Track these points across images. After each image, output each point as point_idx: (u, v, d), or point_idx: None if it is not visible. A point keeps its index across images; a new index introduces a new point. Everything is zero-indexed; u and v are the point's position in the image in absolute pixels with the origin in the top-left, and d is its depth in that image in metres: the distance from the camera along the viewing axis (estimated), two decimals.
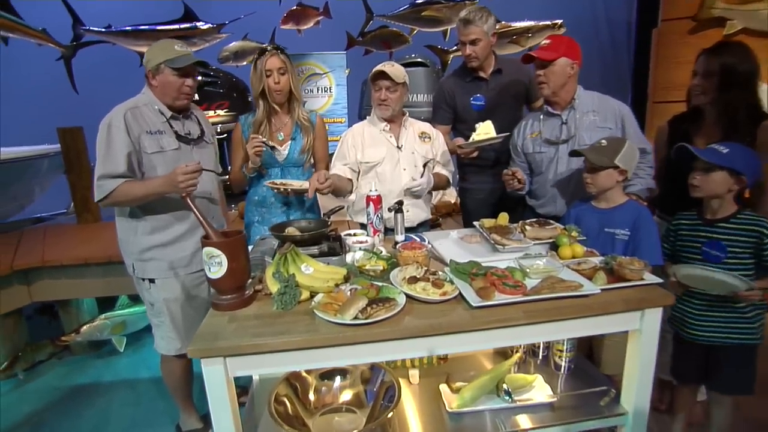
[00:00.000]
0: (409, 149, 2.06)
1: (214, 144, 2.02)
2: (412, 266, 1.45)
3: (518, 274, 1.39)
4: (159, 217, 1.81)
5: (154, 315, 1.92)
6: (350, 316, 1.17)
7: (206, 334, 1.18)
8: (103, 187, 1.66)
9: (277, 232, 1.58)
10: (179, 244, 1.85)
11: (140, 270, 1.84)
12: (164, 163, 1.76)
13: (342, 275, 1.37)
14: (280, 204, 2.11)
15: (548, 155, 2.00)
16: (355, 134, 2.10)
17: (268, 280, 1.36)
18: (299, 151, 2.07)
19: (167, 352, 1.95)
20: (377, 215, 1.81)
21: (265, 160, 2.04)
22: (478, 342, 1.23)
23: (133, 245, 1.82)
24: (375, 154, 2.04)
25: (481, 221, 1.83)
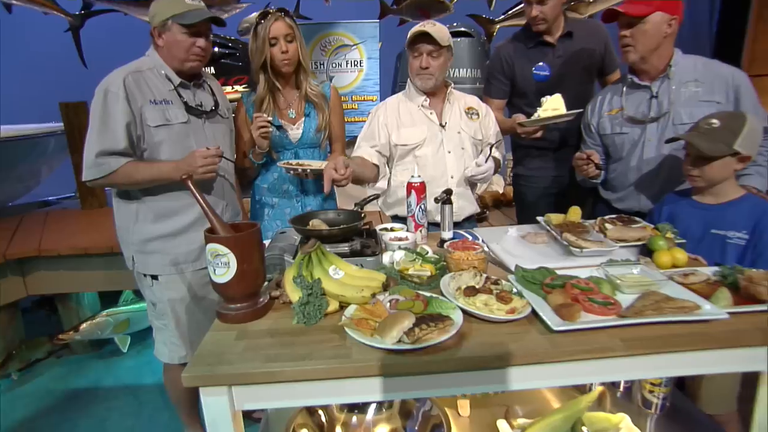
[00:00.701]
0: (454, 128, 1.90)
1: (230, 121, 1.91)
2: (467, 272, 1.27)
3: (606, 286, 1.17)
4: (164, 203, 1.72)
5: (156, 317, 1.84)
6: (393, 339, 0.99)
7: (208, 354, 1.02)
8: (103, 167, 1.57)
9: (300, 224, 1.44)
10: (187, 235, 1.75)
11: (141, 264, 1.76)
12: (170, 139, 1.66)
13: (380, 282, 1.20)
14: (295, 190, 2.03)
15: (631, 137, 1.77)
16: (388, 111, 1.94)
17: (287, 286, 1.20)
18: (315, 130, 1.98)
19: (170, 361, 1.86)
20: (420, 207, 1.66)
21: (275, 143, 1.96)
22: (560, 377, 1.03)
23: (133, 234, 1.73)
24: (413, 134, 1.89)
25: (547, 217, 1.66)
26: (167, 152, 1.66)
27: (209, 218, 1.17)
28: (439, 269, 1.34)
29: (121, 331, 2.88)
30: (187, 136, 1.69)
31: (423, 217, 1.67)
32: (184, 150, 1.66)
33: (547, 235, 1.61)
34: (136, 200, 1.71)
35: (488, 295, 1.14)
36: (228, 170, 1.86)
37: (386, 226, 1.70)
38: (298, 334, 1.08)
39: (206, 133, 1.75)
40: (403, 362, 0.97)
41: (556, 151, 2.21)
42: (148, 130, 1.62)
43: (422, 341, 0.98)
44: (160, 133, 1.64)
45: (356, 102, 4.45)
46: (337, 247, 1.38)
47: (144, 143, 1.64)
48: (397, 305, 1.11)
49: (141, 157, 1.64)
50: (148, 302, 1.84)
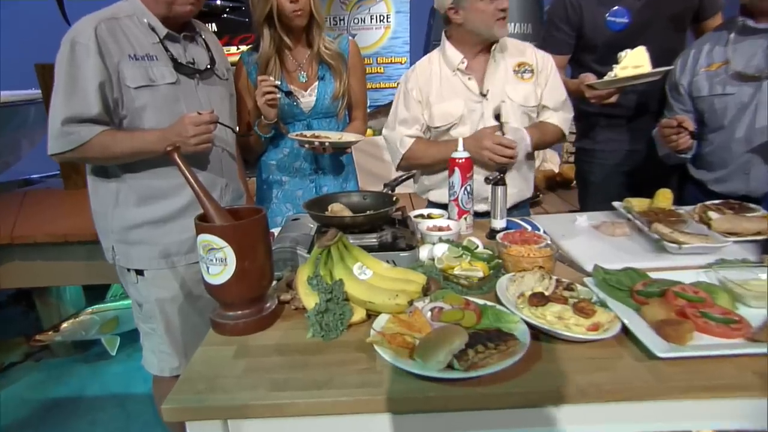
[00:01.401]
0: (497, 96, 1.79)
1: (230, 83, 1.85)
2: (531, 274, 1.16)
3: (722, 296, 1.05)
4: (149, 183, 1.65)
5: (143, 320, 1.80)
6: (440, 363, 0.88)
7: (197, 377, 0.94)
8: (72, 137, 1.50)
9: (316, 210, 1.39)
10: (179, 221, 1.69)
11: (123, 256, 1.70)
12: (155, 104, 1.59)
13: (420, 284, 1.12)
14: (309, 168, 2.00)
15: (738, 99, 1.63)
16: (419, 80, 1.85)
17: (300, 288, 1.12)
18: (331, 96, 1.95)
19: (160, 372, 1.81)
20: (465, 188, 1.58)
21: (283, 112, 1.93)
22: (667, 419, 0.90)
23: (113, 220, 1.68)
24: (447, 112, 1.81)
25: (628, 202, 1.58)
26: (152, 119, 1.59)
27: (201, 201, 1.09)
28: (493, 269, 1.24)
29: (109, 331, 2.85)
30: (176, 100, 1.62)
31: (469, 201, 1.59)
32: (173, 117, 1.59)
33: (628, 225, 1.51)
34: (115, 179, 1.64)
35: (562, 305, 1.02)
36: (228, 141, 1.79)
37: (422, 212, 1.66)
38: (313, 353, 1.00)
39: (200, 97, 1.68)
40: (453, 395, 0.87)
41: (632, 120, 2.09)
42: (127, 92, 1.55)
43: (479, 367, 0.87)
44: (143, 95, 1.56)
45: (382, 65, 4.39)
46: (363, 238, 1.32)
47: (123, 108, 1.56)
48: (442, 316, 1.02)
49: (119, 125, 1.58)
50: (133, 302, 1.80)
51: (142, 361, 1.83)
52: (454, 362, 0.87)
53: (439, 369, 0.87)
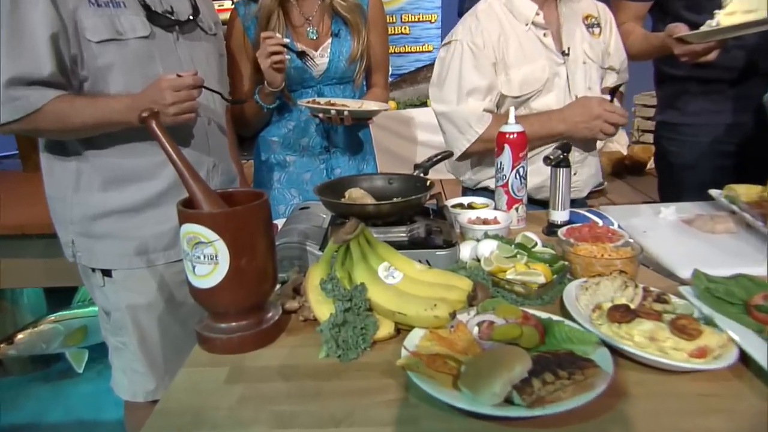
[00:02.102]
0: (580, 56, 1.85)
1: (217, 38, 1.88)
2: (609, 280, 1.13)
3: None
4: (118, 162, 1.66)
5: (112, 331, 1.81)
6: (495, 396, 0.84)
7: (177, 408, 0.93)
8: (19, 103, 1.50)
9: (331, 196, 1.41)
10: (156, 211, 1.71)
11: (86, 253, 1.72)
12: (123, 63, 1.59)
13: (465, 291, 1.09)
14: (318, 147, 2.07)
15: None
16: (492, 32, 1.81)
17: (310, 295, 1.13)
18: (348, 58, 2.00)
19: (132, 397, 1.82)
20: (517, 171, 1.60)
21: (289, 77, 1.97)
22: None
23: (73, 208, 1.69)
24: (531, 76, 1.82)
25: (731, 189, 1.59)
26: (119, 82, 1.59)
27: (186, 182, 1.09)
28: (556, 273, 1.23)
29: (76, 344, 2.87)
30: (150, 59, 1.62)
31: (521, 187, 1.61)
32: (146, 79, 1.59)
33: (733, 219, 1.48)
34: (75, 157, 1.65)
35: (655, 321, 0.98)
36: (216, 112, 1.81)
37: (460, 201, 1.71)
38: (328, 377, 0.99)
39: (180, 55, 1.69)
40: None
41: (735, 85, 2.05)
42: (87, 48, 1.54)
43: (548, 403, 0.83)
44: (107, 52, 1.56)
45: (407, 24, 4.45)
46: (389, 232, 1.33)
47: (82, 68, 1.56)
48: (493, 333, 0.99)
49: (79, 89, 1.59)
50: (99, 310, 1.82)
51: (111, 383, 1.85)
52: (513, 395, 0.84)
53: (495, 404, 0.84)
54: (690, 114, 2.17)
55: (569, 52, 1.83)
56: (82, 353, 2.89)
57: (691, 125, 2.17)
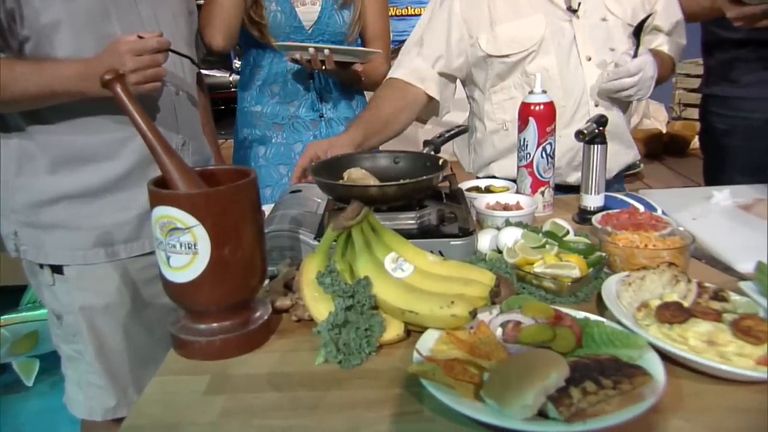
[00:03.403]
0: (596, 12, 1.86)
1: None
2: (656, 274, 1.15)
3: None
4: (69, 139, 1.68)
5: (64, 338, 1.83)
6: (527, 407, 0.84)
7: (150, 423, 0.94)
8: None
9: (327, 177, 1.43)
10: (115, 195, 1.73)
11: (32, 246, 1.73)
12: (73, 21, 1.59)
13: (487, 287, 1.10)
14: (309, 113, 2.13)
15: None
16: None
17: (305, 290, 1.13)
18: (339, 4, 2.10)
19: (89, 415, 1.84)
20: (544, 149, 1.62)
21: (275, 25, 2.06)
22: None
23: (15, 194, 1.71)
24: (520, 33, 1.85)
25: None
26: (68, 44, 1.59)
27: (158, 157, 1.09)
28: (592, 265, 1.25)
29: (25, 352, 2.92)
30: (105, 16, 1.62)
31: (548, 168, 1.64)
32: (100, 40, 1.59)
33: None
34: (17, 133, 1.66)
35: (713, 322, 0.99)
36: (185, 81, 1.84)
37: (477, 184, 1.75)
38: (327, 386, 0.99)
39: (141, 12, 1.70)
40: None
41: None
42: (28, 2, 1.55)
43: (589, 417, 0.83)
44: (53, 7, 1.55)
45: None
46: (395, 219, 1.35)
47: (22, 26, 1.56)
48: (521, 335, 1.01)
49: (19, 52, 1.60)
50: (49, 313, 1.84)
51: (64, 398, 1.87)
52: (549, 408, 0.84)
53: (526, 417, 0.84)
54: (744, 86, 2.20)
55: (579, 8, 1.83)
56: (31, 363, 2.93)
57: (745, 99, 2.20)
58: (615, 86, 1.79)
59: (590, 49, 1.84)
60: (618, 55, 1.81)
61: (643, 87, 1.79)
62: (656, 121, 3.37)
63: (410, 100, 1.90)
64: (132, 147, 1.71)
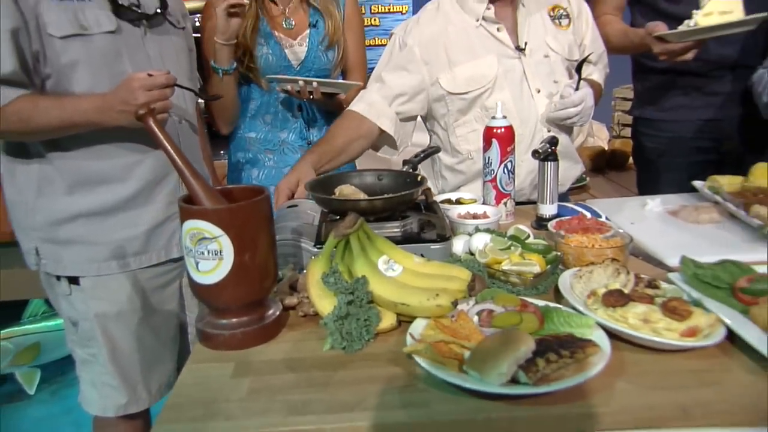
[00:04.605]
0: (539, 50, 1.90)
1: (186, 32, 1.91)
2: (602, 268, 1.23)
3: None
4: (85, 164, 1.68)
5: (79, 343, 1.82)
6: (502, 375, 0.92)
7: (189, 402, 0.98)
8: None
9: (321, 193, 1.46)
10: (126, 214, 1.73)
11: (51, 260, 1.73)
12: (89, 60, 1.60)
13: (465, 281, 1.17)
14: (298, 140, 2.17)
15: None
16: (426, 35, 1.91)
17: (311, 290, 1.18)
18: (325, 45, 2.12)
19: (102, 412, 1.84)
20: (505, 166, 1.68)
21: (267, 64, 2.09)
22: None
23: (36, 214, 1.70)
24: (477, 72, 1.87)
25: (714, 180, 1.69)
26: (85, 80, 1.61)
27: (187, 179, 1.13)
28: (550, 263, 1.32)
29: (27, 363, 2.89)
30: (117, 56, 1.64)
31: (509, 182, 1.70)
32: (113, 77, 1.61)
33: (716, 209, 1.60)
34: (38, 159, 1.66)
35: (648, 305, 1.08)
36: (187, 110, 1.85)
37: (448, 197, 1.78)
38: (335, 368, 1.05)
39: (148, 51, 1.72)
40: (521, 416, 0.91)
41: (712, 80, 2.16)
42: (50, 44, 1.55)
43: (552, 380, 0.92)
44: (72, 48, 1.57)
45: (377, 15, 4.47)
46: (382, 228, 1.38)
47: (45, 65, 1.57)
48: (494, 320, 1.08)
49: (42, 88, 1.60)
50: (65, 321, 1.83)
51: (79, 398, 1.86)
52: (519, 374, 0.92)
53: (502, 383, 0.91)
54: (668, 110, 2.25)
55: (525, 48, 1.86)
56: (33, 373, 2.90)
57: (668, 121, 2.26)
58: (562, 115, 1.82)
59: (538, 82, 1.88)
60: (561, 86, 1.86)
61: (584, 115, 1.84)
62: (599, 140, 3.41)
63: (364, 132, 1.90)
64: (140, 171, 1.72)
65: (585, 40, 1.99)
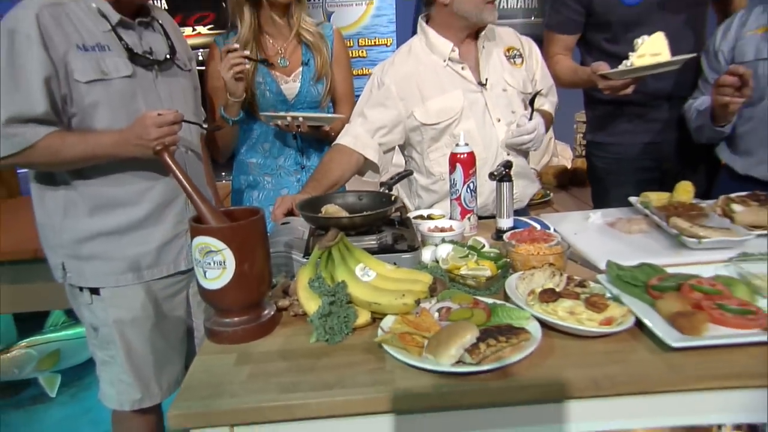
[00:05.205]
0: (498, 85, 2.02)
1: (191, 73, 1.98)
2: (541, 272, 1.35)
3: (741, 289, 1.24)
4: (103, 190, 1.76)
5: (99, 346, 1.89)
6: (451, 358, 1.05)
7: (200, 385, 1.09)
8: (15, 139, 1.59)
9: (309, 212, 1.54)
10: (140, 232, 1.81)
11: (75, 273, 1.80)
12: (109, 101, 1.69)
13: (426, 284, 1.28)
14: (293, 166, 2.23)
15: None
16: (401, 75, 2.02)
17: (300, 293, 1.28)
18: (315, 79, 2.17)
19: (119, 406, 1.91)
20: (468, 186, 1.77)
21: (264, 100, 2.15)
22: (684, 413, 1.08)
23: (62, 233, 1.78)
24: (446, 105, 1.98)
25: (645, 197, 1.77)
26: (105, 118, 1.69)
27: (195, 203, 1.25)
28: (501, 268, 1.42)
29: (48, 368, 2.91)
30: (133, 96, 1.72)
31: (472, 199, 1.78)
32: (129, 115, 1.69)
33: (645, 221, 1.69)
34: (63, 186, 1.74)
35: (574, 300, 1.20)
36: (192, 142, 1.92)
37: (422, 213, 1.86)
38: (319, 356, 1.15)
39: (159, 92, 1.79)
40: (466, 389, 1.03)
41: (651, 110, 2.26)
42: (76, 88, 1.64)
43: (491, 360, 1.04)
44: (95, 91, 1.66)
45: (364, 48, 4.52)
46: (361, 240, 1.47)
47: (72, 106, 1.66)
48: (450, 315, 1.19)
49: (68, 125, 1.68)
50: (87, 327, 1.89)
51: (99, 395, 1.93)
52: (465, 356, 1.04)
53: (451, 364, 1.04)
54: (614, 135, 2.35)
55: (486, 83, 1.97)
56: (54, 377, 2.92)
57: (615, 144, 2.35)
58: (518, 141, 1.95)
59: (498, 113, 1.98)
60: (518, 116, 1.98)
61: (537, 140, 1.97)
62: (563, 159, 3.47)
63: (353, 162, 1.97)
64: (151, 195, 1.79)
65: (536, 76, 2.11)
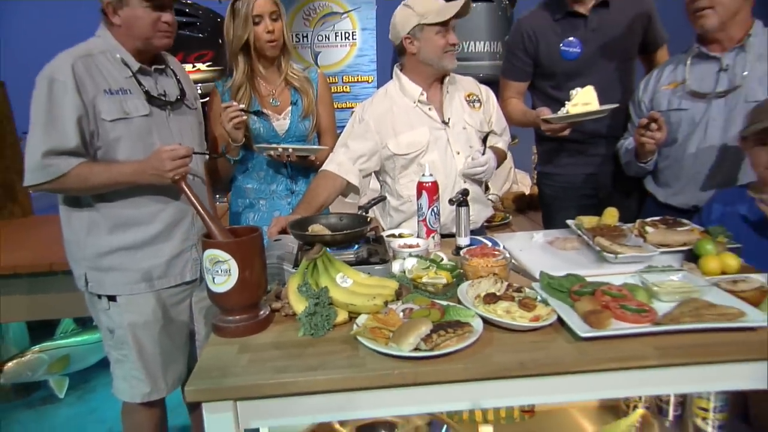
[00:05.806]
0: (458, 124, 2.19)
1: (197, 111, 2.14)
2: (487, 280, 1.52)
3: (642, 293, 1.42)
4: (122, 211, 1.90)
5: (114, 347, 2.01)
6: (410, 345, 1.21)
7: (210, 368, 1.22)
8: (51, 169, 1.73)
9: (299, 230, 1.67)
10: (152, 248, 1.95)
11: (96, 283, 1.93)
12: (129, 136, 1.84)
13: (393, 289, 1.44)
14: (284, 191, 2.36)
15: (692, 115, 2.04)
16: (378, 113, 2.19)
17: (291, 296, 1.43)
18: (302, 116, 2.31)
19: (131, 399, 2.03)
20: (432, 210, 1.92)
21: (258, 135, 2.29)
22: (589, 389, 1.26)
23: (86, 248, 1.91)
24: (415, 140, 2.14)
25: (579, 220, 1.92)
26: (126, 151, 1.83)
27: (206, 222, 1.42)
28: (456, 277, 1.58)
29: (58, 371, 3.03)
30: (149, 132, 1.86)
31: (436, 221, 1.94)
32: (146, 148, 1.84)
33: (578, 240, 1.85)
34: (87, 208, 1.87)
35: (510, 302, 1.38)
36: (198, 169, 2.07)
37: (394, 232, 1.99)
38: (306, 346, 1.30)
39: (171, 128, 1.95)
40: (421, 370, 1.19)
41: (590, 145, 2.46)
42: (102, 125, 1.78)
43: (441, 347, 1.21)
44: (118, 128, 1.80)
45: (348, 84, 4.69)
46: (342, 254, 1.62)
47: (98, 140, 1.80)
48: (412, 314, 1.35)
49: (94, 156, 1.81)
50: (103, 330, 2.02)
51: (112, 389, 2.06)
52: (421, 344, 1.21)
53: (410, 350, 1.20)
54: (560, 166, 2.55)
55: (449, 122, 2.15)
56: (63, 380, 3.02)
57: (561, 174, 2.54)
58: (473, 172, 2.13)
59: (458, 147, 2.16)
60: (474, 151, 2.16)
61: (488, 172, 2.15)
62: (523, 186, 3.62)
63: (338, 186, 2.11)
64: (162, 216, 1.94)
65: (492, 118, 2.29)
